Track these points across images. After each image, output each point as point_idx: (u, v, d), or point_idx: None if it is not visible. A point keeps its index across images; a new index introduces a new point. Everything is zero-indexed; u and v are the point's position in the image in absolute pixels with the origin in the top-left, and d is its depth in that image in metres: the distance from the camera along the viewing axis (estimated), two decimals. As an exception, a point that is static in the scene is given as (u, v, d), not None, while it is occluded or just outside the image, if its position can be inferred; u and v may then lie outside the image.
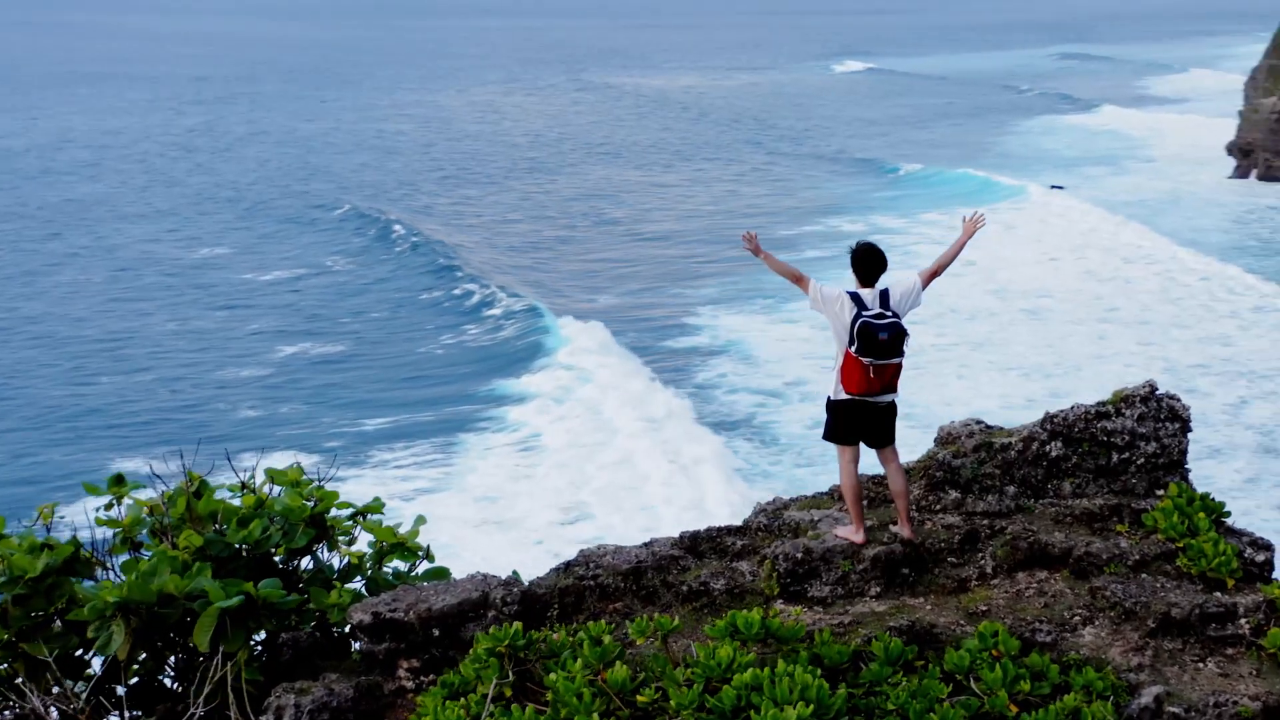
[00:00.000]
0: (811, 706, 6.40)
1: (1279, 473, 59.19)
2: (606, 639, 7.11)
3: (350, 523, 8.45)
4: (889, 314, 8.41)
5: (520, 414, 60.38)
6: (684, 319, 78.62)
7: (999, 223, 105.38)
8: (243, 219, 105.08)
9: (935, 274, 8.94)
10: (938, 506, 9.03)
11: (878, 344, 8.29)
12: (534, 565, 9.94)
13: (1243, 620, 7.79)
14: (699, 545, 8.50)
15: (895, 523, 8.65)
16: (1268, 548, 8.60)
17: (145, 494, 8.41)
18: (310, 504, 8.22)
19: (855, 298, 8.49)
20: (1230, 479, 58.94)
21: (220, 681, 6.95)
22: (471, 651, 7.25)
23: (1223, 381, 70.55)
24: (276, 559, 8.22)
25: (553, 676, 6.86)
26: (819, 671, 6.81)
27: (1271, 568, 8.53)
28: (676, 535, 8.60)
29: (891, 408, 8.70)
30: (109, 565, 8.01)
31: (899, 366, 8.45)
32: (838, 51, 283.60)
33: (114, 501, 8.37)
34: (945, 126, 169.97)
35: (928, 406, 67.16)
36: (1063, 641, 7.60)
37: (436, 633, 7.66)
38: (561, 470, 51.91)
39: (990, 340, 79.67)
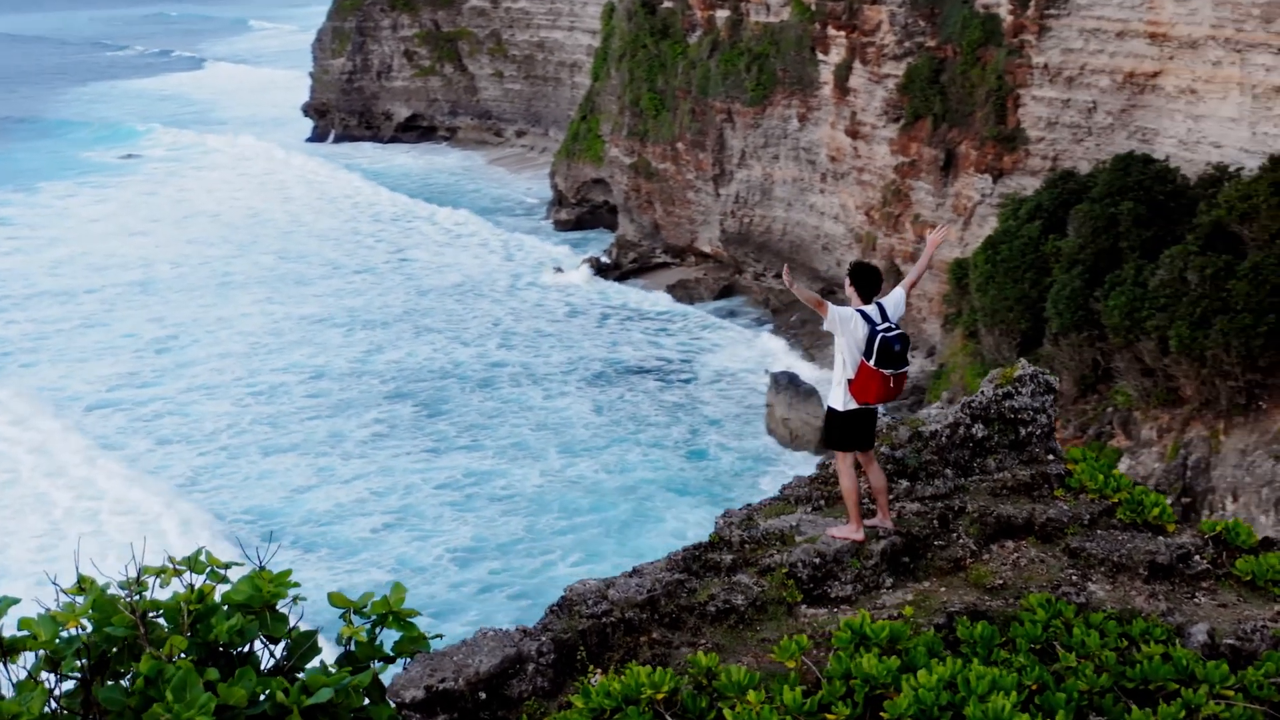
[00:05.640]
0: (1014, 694, 6.59)
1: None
2: (742, 670, 6.97)
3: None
4: (894, 326, 8.99)
5: None
6: None
7: (92, 196, 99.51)
8: None
9: (913, 285, 9.61)
10: (891, 496, 9.55)
11: (893, 355, 8.85)
12: None
13: (1197, 557, 8.91)
14: (691, 565, 8.54)
15: (869, 517, 9.15)
16: (1165, 494, 10.66)
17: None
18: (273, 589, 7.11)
19: (864, 315, 9.00)
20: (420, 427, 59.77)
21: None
22: (584, 702, 6.88)
23: (352, 329, 72.05)
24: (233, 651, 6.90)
25: (729, 713, 6.71)
26: (977, 662, 7.04)
27: (1174, 510, 9.63)
28: (664, 559, 8.63)
29: (876, 413, 9.33)
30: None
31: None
32: None
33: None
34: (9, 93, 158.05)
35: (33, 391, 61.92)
36: (1092, 599, 8.26)
37: (483, 696, 7.43)
38: None
39: (97, 319, 76.17)
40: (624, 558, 48.58)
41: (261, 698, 6.12)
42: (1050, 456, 10.11)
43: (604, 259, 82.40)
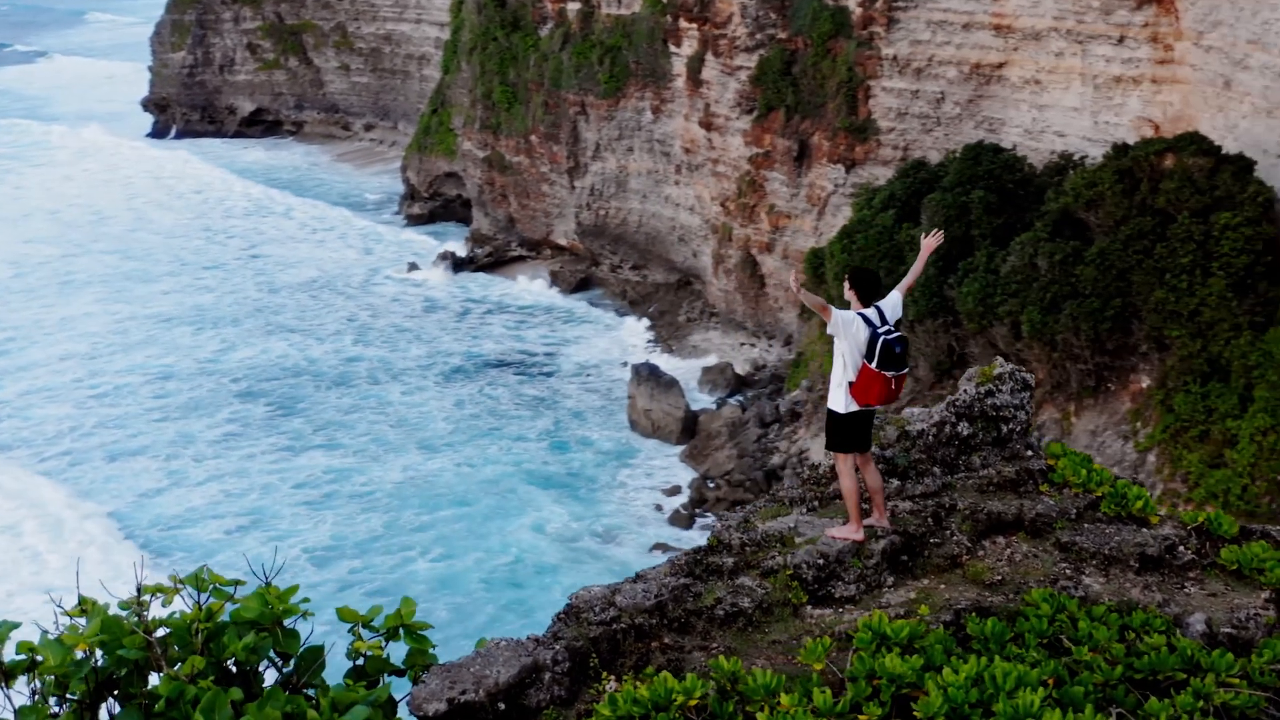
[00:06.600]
0: (1041, 690, 6.68)
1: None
2: (768, 674, 6.95)
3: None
4: (894, 329, 9.11)
5: None
6: None
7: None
8: None
9: (909, 288, 9.78)
10: (884, 494, 9.63)
11: (894, 357, 8.99)
12: None
13: (1182, 548, 9.10)
14: (694, 569, 8.57)
15: (866, 517, 9.21)
16: (1140, 485, 10.03)
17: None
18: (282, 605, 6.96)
19: (865, 318, 9.11)
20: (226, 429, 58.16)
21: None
22: (611, 710, 6.82)
23: (201, 328, 70.15)
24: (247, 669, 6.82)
25: (761, 716, 6.72)
26: (999, 658, 7.07)
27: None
28: (666, 563, 8.65)
29: (875, 415, 9.48)
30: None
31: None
32: None
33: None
34: None
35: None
36: (1089, 592, 8.42)
37: (502, 706, 7.44)
38: None
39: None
40: (482, 553, 48.03)
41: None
42: (1029, 452, 10.35)
43: (460, 253, 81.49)
